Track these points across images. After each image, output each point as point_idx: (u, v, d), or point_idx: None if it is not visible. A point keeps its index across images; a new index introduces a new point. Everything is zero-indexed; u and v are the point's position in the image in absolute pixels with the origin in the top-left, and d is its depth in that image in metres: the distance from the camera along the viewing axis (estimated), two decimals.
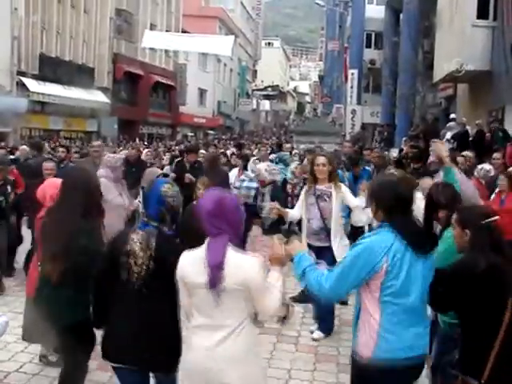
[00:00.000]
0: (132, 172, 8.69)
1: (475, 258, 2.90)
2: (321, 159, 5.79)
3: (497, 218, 3.04)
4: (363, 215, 5.69)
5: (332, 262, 4.95)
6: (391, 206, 2.94)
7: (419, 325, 2.98)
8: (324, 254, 5.37)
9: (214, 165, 8.58)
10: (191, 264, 2.87)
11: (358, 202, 5.74)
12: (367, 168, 9.08)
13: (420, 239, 2.94)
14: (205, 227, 2.86)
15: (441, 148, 4.28)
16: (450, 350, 3.42)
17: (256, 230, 8.84)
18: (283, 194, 8.22)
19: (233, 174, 9.35)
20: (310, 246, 5.44)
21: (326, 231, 5.70)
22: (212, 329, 2.84)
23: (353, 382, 3.16)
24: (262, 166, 8.78)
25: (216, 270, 2.75)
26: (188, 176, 8.79)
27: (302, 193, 6.05)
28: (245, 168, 9.64)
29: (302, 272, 3.03)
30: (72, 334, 3.63)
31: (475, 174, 7.64)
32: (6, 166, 7.57)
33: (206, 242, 2.87)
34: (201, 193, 6.17)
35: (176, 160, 10.54)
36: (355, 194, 6.08)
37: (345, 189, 5.87)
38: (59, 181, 4.20)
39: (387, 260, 2.83)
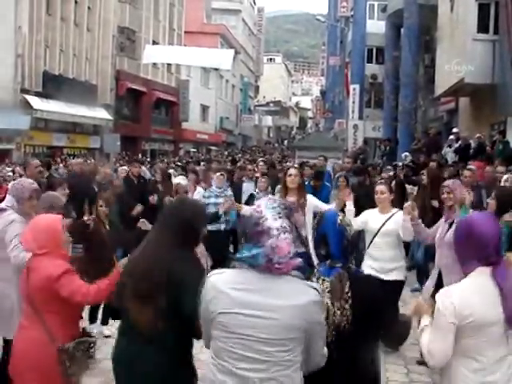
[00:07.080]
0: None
1: None
2: (292, 170, 6.24)
3: None
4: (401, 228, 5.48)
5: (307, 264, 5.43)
6: None
7: None
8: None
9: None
10: (477, 298, 2.45)
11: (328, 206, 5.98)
12: (327, 184, 9.30)
13: None
14: (486, 255, 2.49)
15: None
16: None
17: None
18: None
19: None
20: None
21: (299, 239, 5.96)
22: (498, 367, 2.51)
23: None
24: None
25: None
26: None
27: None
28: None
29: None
30: None
31: None
32: None
33: (484, 269, 2.49)
34: (103, 210, 5.92)
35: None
36: None
37: (312, 198, 6.24)
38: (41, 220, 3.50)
39: None
